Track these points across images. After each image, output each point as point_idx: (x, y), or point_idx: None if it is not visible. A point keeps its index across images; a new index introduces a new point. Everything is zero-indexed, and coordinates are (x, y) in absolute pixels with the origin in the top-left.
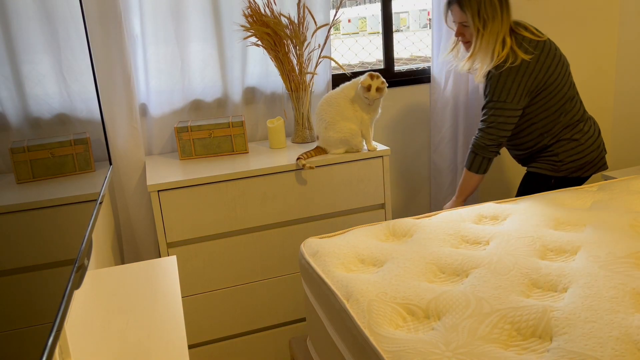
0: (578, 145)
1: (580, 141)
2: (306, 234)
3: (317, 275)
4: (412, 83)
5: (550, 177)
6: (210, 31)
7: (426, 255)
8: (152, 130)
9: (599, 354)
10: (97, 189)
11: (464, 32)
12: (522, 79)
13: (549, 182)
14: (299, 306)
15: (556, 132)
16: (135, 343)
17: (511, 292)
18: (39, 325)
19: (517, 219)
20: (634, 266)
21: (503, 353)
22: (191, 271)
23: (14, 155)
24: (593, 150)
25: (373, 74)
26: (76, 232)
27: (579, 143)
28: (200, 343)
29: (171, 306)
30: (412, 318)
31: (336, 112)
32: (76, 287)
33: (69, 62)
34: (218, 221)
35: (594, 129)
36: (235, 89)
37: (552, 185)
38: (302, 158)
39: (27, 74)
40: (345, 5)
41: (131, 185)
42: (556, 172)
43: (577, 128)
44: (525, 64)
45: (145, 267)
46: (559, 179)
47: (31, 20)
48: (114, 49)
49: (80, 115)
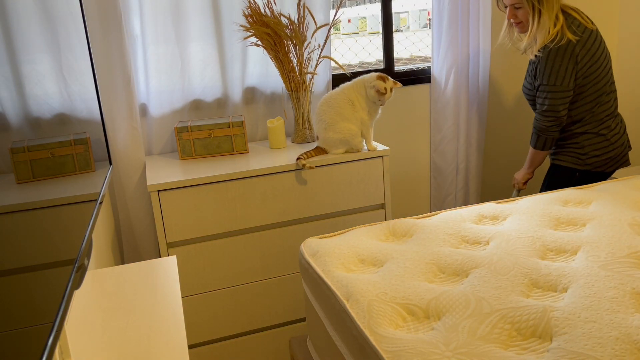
0: (604, 140)
1: (607, 137)
2: (306, 234)
3: (317, 275)
4: (412, 83)
5: (575, 171)
6: (210, 31)
7: (426, 255)
8: (152, 130)
9: (599, 354)
10: (97, 189)
11: (516, 14)
12: (569, 62)
13: (574, 175)
14: (299, 306)
15: (586, 122)
16: (135, 343)
17: (511, 292)
18: (39, 325)
19: (517, 219)
20: (634, 266)
21: (503, 353)
22: (191, 271)
23: (14, 155)
24: (617, 147)
25: (381, 75)
26: (76, 232)
27: (605, 138)
28: (200, 343)
29: (171, 306)
30: (412, 318)
31: (335, 113)
32: (76, 287)
33: (69, 62)
34: (218, 221)
35: (621, 126)
36: (235, 89)
37: (576, 179)
38: (302, 158)
39: (27, 74)
40: (345, 5)
41: (131, 185)
42: (580, 166)
43: (606, 124)
44: (572, 45)
45: (145, 267)
46: (583, 173)
47: (31, 20)
48: (114, 49)
49: (80, 115)
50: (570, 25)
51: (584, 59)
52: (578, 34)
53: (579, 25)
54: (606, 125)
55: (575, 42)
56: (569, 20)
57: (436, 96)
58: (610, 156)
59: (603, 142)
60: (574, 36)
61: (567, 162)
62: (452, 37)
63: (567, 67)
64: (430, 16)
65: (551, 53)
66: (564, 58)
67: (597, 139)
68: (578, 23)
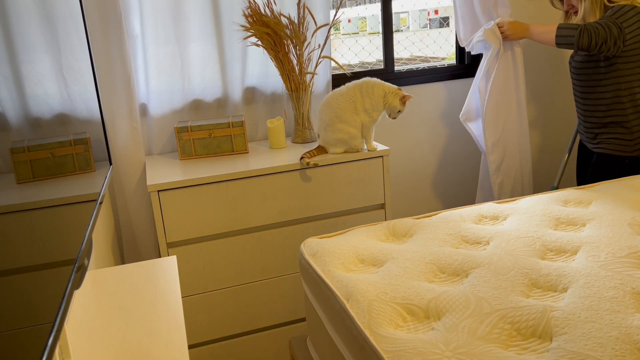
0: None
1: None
2: (306, 234)
3: (317, 275)
4: (412, 83)
5: (624, 158)
6: (210, 31)
7: (426, 255)
8: (152, 130)
9: (599, 354)
10: (97, 189)
11: (572, 3)
12: (634, 17)
13: (624, 163)
14: (299, 306)
15: (635, 97)
16: (135, 343)
17: (511, 292)
18: (39, 325)
19: (517, 219)
20: (634, 266)
21: (503, 353)
22: (191, 271)
23: (14, 155)
24: None
25: (399, 88)
26: (76, 232)
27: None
28: (200, 343)
29: (171, 306)
30: (412, 318)
31: (335, 115)
32: (76, 287)
33: (69, 62)
34: (218, 221)
35: None
36: (235, 89)
37: (627, 167)
38: (306, 157)
39: (27, 74)
40: (345, 5)
41: (131, 185)
42: (629, 152)
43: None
44: (639, 10)
45: (145, 267)
46: (634, 160)
47: (31, 20)
48: (114, 49)
49: (80, 115)
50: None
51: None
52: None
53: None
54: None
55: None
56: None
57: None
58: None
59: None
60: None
61: (614, 150)
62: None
63: (632, 19)
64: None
65: (622, 7)
66: (630, 11)
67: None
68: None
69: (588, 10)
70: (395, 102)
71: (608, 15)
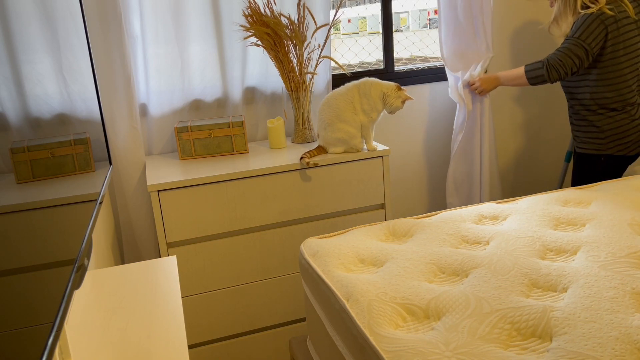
0: (622, 125)
1: (626, 121)
2: (306, 234)
3: (317, 275)
4: (412, 83)
5: (599, 156)
6: (210, 31)
7: (426, 255)
8: (152, 130)
9: (599, 354)
10: (97, 189)
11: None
12: (599, 27)
13: (599, 160)
14: (299, 306)
15: (608, 97)
16: (135, 343)
17: (511, 292)
18: (39, 325)
19: (517, 219)
20: (634, 266)
21: (503, 353)
22: (191, 271)
23: (14, 155)
24: (637, 132)
25: (398, 85)
26: (76, 232)
27: (623, 123)
28: (200, 343)
29: (171, 306)
30: (412, 318)
31: (334, 115)
32: (76, 287)
33: (69, 62)
34: (218, 221)
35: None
36: (235, 89)
37: (602, 164)
38: (306, 157)
39: (27, 74)
40: (345, 5)
41: (131, 185)
42: (603, 150)
43: (625, 110)
44: (606, 16)
45: (145, 267)
46: (608, 158)
47: (31, 20)
48: (114, 49)
49: (80, 116)
50: (612, 6)
51: (613, 32)
52: (615, 12)
53: (622, 11)
54: (626, 110)
55: (608, 15)
56: (614, 4)
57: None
58: (632, 139)
59: (622, 126)
60: (610, 12)
61: (590, 149)
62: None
63: (596, 31)
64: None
65: (586, 18)
66: (599, 25)
67: (615, 123)
68: (622, 9)
69: (561, 13)
70: (396, 103)
71: (572, 32)
